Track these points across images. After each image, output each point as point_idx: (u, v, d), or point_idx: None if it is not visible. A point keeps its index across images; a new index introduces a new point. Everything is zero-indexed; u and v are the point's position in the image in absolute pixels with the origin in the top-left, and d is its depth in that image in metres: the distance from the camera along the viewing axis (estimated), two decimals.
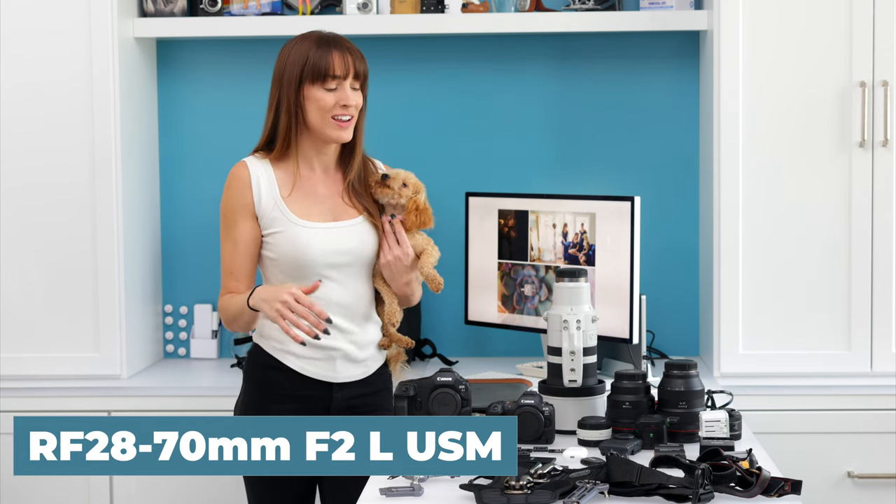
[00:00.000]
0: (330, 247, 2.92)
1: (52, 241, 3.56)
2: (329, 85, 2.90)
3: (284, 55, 2.94)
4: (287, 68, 2.92)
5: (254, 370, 2.98)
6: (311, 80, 2.90)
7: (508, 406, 2.74)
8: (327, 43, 2.91)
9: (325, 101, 2.89)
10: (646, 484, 2.32)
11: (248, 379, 3.00)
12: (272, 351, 2.95)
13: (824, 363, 3.48)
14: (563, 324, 2.84)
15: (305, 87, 2.90)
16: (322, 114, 2.90)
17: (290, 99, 2.90)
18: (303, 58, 2.90)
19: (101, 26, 3.52)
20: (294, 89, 2.90)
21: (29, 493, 3.58)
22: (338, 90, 2.91)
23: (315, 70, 2.89)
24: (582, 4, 3.71)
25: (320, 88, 2.90)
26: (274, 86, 2.95)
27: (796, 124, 3.46)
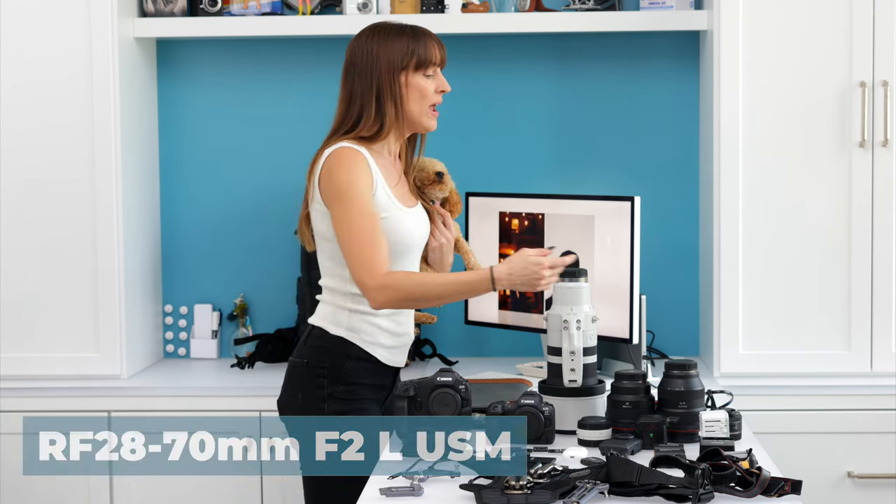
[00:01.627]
0: (421, 231, 3.01)
1: (52, 241, 3.56)
2: (429, 72, 2.96)
3: (369, 47, 2.94)
4: (383, 58, 2.93)
5: (343, 363, 2.93)
6: (414, 69, 2.94)
7: (508, 406, 2.74)
8: (421, 32, 2.98)
9: (427, 89, 2.96)
10: (646, 484, 2.32)
11: (334, 372, 2.93)
12: (363, 344, 2.93)
13: (824, 363, 3.48)
14: (563, 324, 2.84)
15: (406, 75, 2.94)
16: (422, 101, 2.96)
17: (393, 87, 2.93)
18: (403, 46, 2.94)
19: (101, 26, 3.52)
20: (395, 77, 2.93)
21: (29, 493, 3.58)
22: (435, 77, 2.98)
23: (420, 58, 2.94)
24: (582, 4, 3.71)
25: (421, 76, 2.95)
26: (362, 77, 2.93)
27: (796, 124, 3.45)
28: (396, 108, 2.94)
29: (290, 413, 2.97)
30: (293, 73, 3.93)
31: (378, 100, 2.93)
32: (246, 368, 3.79)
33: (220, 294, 3.98)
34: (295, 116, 3.94)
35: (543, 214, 3.53)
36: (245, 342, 3.90)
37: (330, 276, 2.96)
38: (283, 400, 3.00)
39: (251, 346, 3.93)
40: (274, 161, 3.95)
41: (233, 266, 3.97)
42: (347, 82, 2.97)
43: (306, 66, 3.92)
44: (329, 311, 2.95)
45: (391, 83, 2.93)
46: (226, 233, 3.96)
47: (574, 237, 3.46)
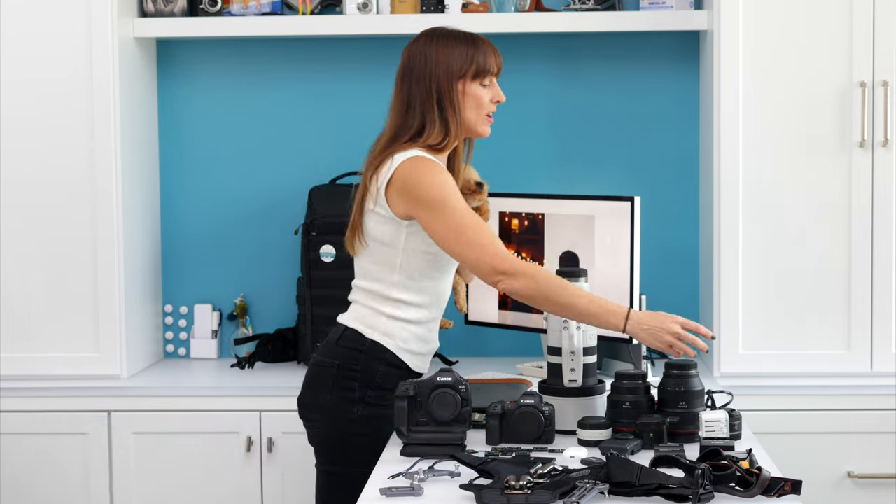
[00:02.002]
0: None
1: (52, 241, 3.56)
2: (485, 81, 2.95)
3: (427, 53, 2.92)
4: (442, 65, 2.91)
5: (377, 367, 2.91)
6: (472, 77, 2.92)
7: (508, 406, 2.74)
8: (480, 40, 2.96)
9: (483, 98, 2.95)
10: (646, 484, 2.32)
11: (366, 375, 2.91)
12: (396, 351, 2.92)
13: (824, 363, 3.48)
14: (563, 324, 2.84)
15: (464, 83, 2.92)
16: (479, 110, 2.95)
17: (451, 95, 2.92)
18: (462, 54, 2.92)
19: (101, 26, 3.52)
20: (453, 85, 2.92)
21: (29, 493, 3.58)
22: (491, 87, 2.96)
23: (479, 67, 2.92)
24: (582, 4, 3.71)
25: (479, 85, 2.94)
26: (421, 84, 2.91)
27: (796, 124, 3.46)
28: (457, 116, 2.93)
29: (317, 413, 2.93)
30: (293, 73, 3.93)
31: (440, 107, 2.91)
32: (246, 368, 3.79)
33: (220, 294, 3.98)
34: (295, 116, 3.94)
35: (543, 214, 3.53)
36: (245, 342, 3.90)
37: (372, 280, 2.93)
38: (307, 399, 2.97)
39: (251, 346, 3.93)
40: (274, 161, 3.95)
41: (233, 266, 3.97)
42: (404, 87, 2.94)
43: (306, 66, 3.92)
44: (366, 314, 2.93)
45: (450, 90, 2.91)
46: (226, 233, 3.96)
47: (574, 237, 3.46)
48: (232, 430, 3.55)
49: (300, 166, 3.94)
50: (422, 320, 2.94)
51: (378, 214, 2.89)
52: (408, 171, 2.85)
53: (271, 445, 3.54)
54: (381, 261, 2.91)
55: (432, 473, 2.50)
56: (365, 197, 2.92)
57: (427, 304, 2.94)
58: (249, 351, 3.88)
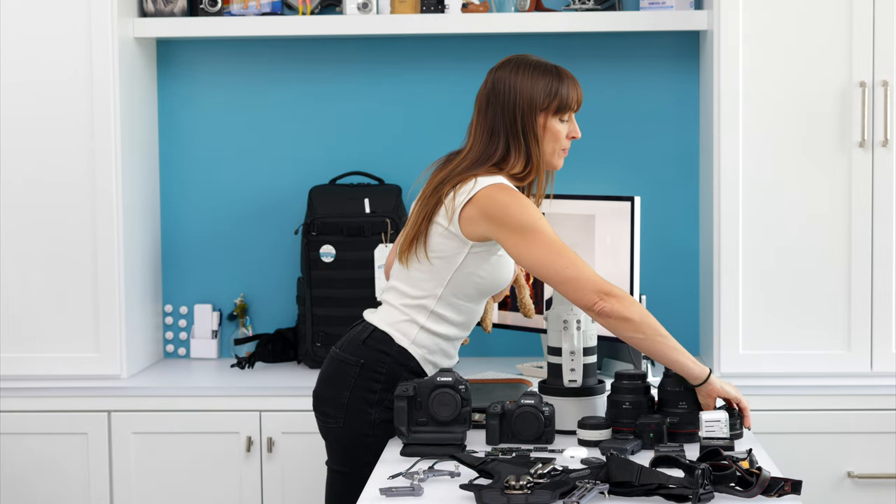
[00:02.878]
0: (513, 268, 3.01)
1: (52, 241, 3.56)
2: (565, 117, 2.93)
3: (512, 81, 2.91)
4: (525, 96, 2.89)
5: (400, 372, 2.90)
6: (553, 112, 2.91)
7: (508, 406, 2.74)
8: (565, 75, 2.95)
9: (561, 133, 2.93)
10: (646, 484, 2.32)
11: (388, 380, 2.90)
12: (422, 361, 2.92)
13: (824, 363, 3.48)
14: (563, 324, 2.84)
15: (546, 116, 2.91)
16: (555, 145, 2.93)
17: (534, 128, 2.90)
18: (546, 87, 2.91)
19: (101, 26, 3.52)
20: (534, 118, 2.90)
21: (30, 493, 3.58)
22: (569, 122, 2.95)
23: (562, 102, 2.91)
24: (582, 4, 3.71)
25: (558, 120, 2.92)
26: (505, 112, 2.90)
27: (796, 124, 3.45)
28: (539, 149, 2.92)
29: (334, 409, 2.91)
30: (293, 73, 3.93)
31: (525, 138, 2.90)
32: (246, 368, 3.79)
33: (220, 294, 3.98)
34: (295, 116, 3.94)
35: (543, 214, 3.52)
36: (245, 342, 3.90)
37: (417, 288, 2.91)
38: (323, 393, 2.95)
39: (251, 346, 3.93)
40: (274, 161, 3.95)
41: (233, 266, 3.97)
42: (489, 112, 2.92)
43: (306, 66, 3.92)
44: (400, 321, 2.91)
45: (532, 123, 2.90)
46: (226, 233, 3.96)
47: (574, 237, 3.46)
48: (232, 430, 3.55)
49: (300, 166, 3.94)
50: (452, 336, 2.95)
51: (446, 230, 2.87)
52: (494, 197, 2.83)
53: (271, 445, 3.54)
54: (432, 273, 2.89)
55: (432, 473, 2.50)
56: (436, 211, 2.89)
57: (460, 324, 2.94)
58: (249, 351, 3.88)
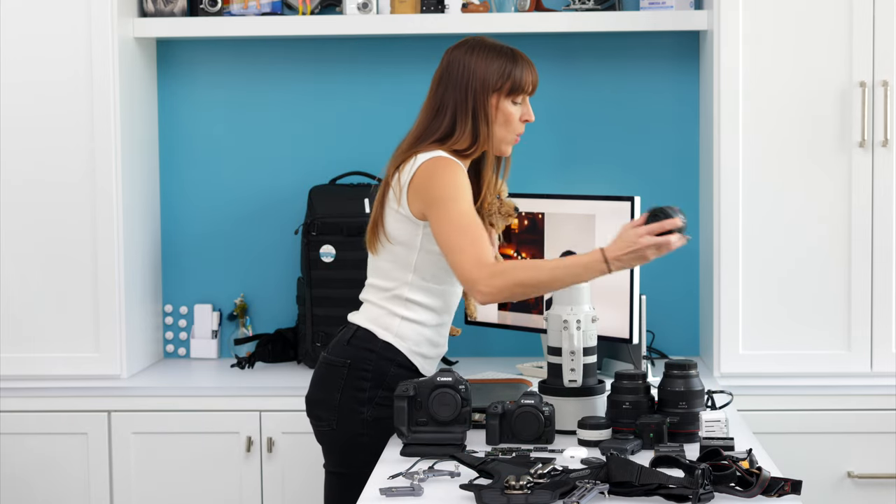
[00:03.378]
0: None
1: (52, 242, 3.56)
2: (518, 99, 2.95)
3: (467, 62, 2.93)
4: (479, 76, 2.91)
5: (388, 368, 2.91)
6: (506, 93, 2.93)
7: (508, 406, 2.74)
8: (520, 57, 2.96)
9: (514, 115, 2.95)
10: (646, 484, 2.32)
11: (377, 375, 2.92)
12: (408, 353, 2.93)
13: (824, 363, 3.48)
14: (563, 324, 2.84)
15: (498, 98, 2.93)
16: (507, 127, 2.95)
17: (485, 108, 2.92)
18: (500, 68, 2.92)
19: (101, 26, 3.52)
20: (487, 98, 2.92)
21: (30, 493, 3.58)
22: (522, 105, 2.97)
23: (514, 84, 2.92)
24: (582, 4, 3.71)
25: (511, 102, 2.94)
26: (458, 91, 2.91)
27: (796, 124, 3.46)
28: (488, 128, 2.93)
29: (326, 412, 2.93)
30: (293, 73, 3.93)
31: (474, 117, 2.92)
32: (246, 368, 3.79)
33: (220, 294, 3.98)
34: (295, 116, 3.94)
35: (543, 214, 3.53)
36: (245, 342, 3.90)
37: (388, 279, 2.93)
38: (315, 397, 2.96)
39: (251, 346, 3.93)
40: (274, 161, 3.95)
41: (233, 266, 3.97)
42: (439, 90, 2.94)
43: (306, 66, 3.92)
44: (380, 315, 2.93)
45: (484, 102, 2.92)
46: (226, 233, 3.96)
47: (574, 237, 3.46)
48: (232, 430, 3.55)
49: (300, 166, 3.94)
50: (433, 323, 2.95)
51: (398, 213, 2.89)
52: (429, 169, 2.86)
53: (271, 445, 3.54)
54: (396, 260, 2.92)
55: (432, 473, 2.50)
56: (386, 194, 2.92)
57: (438, 308, 2.95)
58: (249, 351, 3.88)
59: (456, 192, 2.83)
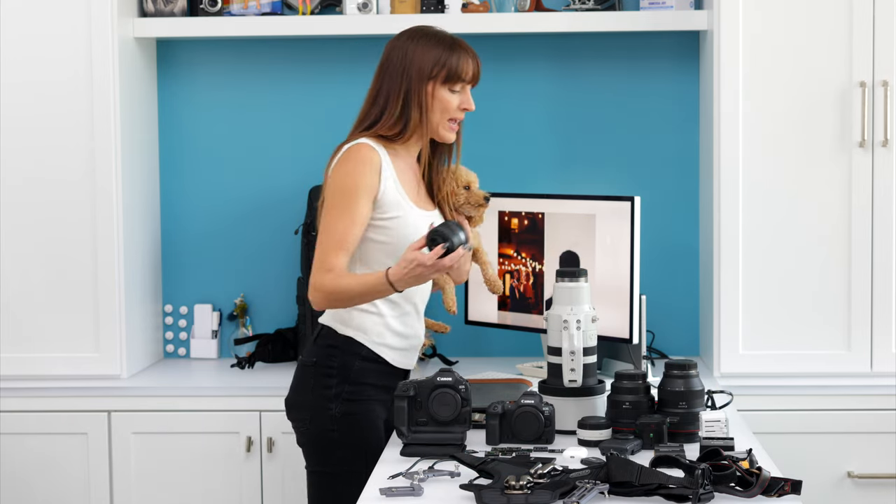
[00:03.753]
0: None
1: (52, 242, 3.56)
2: (456, 87, 2.97)
3: (406, 49, 2.96)
4: (416, 63, 2.95)
5: (352, 362, 2.94)
6: (442, 81, 2.95)
7: (508, 406, 2.74)
8: (459, 46, 2.98)
9: (450, 103, 2.97)
10: (646, 484, 2.32)
11: (342, 371, 2.94)
12: (371, 345, 2.95)
13: (824, 363, 3.48)
14: (563, 324, 2.83)
15: (434, 85, 2.95)
16: (444, 114, 2.97)
17: (419, 94, 2.95)
18: (436, 56, 2.95)
19: (101, 26, 3.52)
20: (423, 85, 2.95)
21: (30, 493, 3.58)
22: (461, 93, 2.99)
23: (450, 72, 2.95)
24: (582, 4, 3.71)
25: (448, 90, 2.97)
26: (394, 78, 2.96)
27: (796, 124, 3.46)
28: (421, 115, 2.96)
29: (299, 412, 2.97)
30: (293, 73, 3.93)
31: (405, 103, 2.95)
32: (246, 368, 3.79)
33: (220, 294, 3.98)
34: (295, 116, 3.94)
35: (543, 214, 3.53)
36: (245, 342, 3.90)
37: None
38: (290, 399, 3.00)
39: (251, 346, 3.93)
40: (274, 161, 3.95)
41: (233, 266, 3.97)
42: (378, 80, 2.99)
43: (306, 66, 3.92)
44: (338, 311, 2.96)
45: (419, 89, 2.95)
46: (226, 233, 3.96)
47: (574, 237, 3.46)
48: (232, 430, 3.55)
49: (300, 166, 3.94)
50: (394, 314, 2.97)
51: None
52: (343, 158, 2.93)
53: (271, 445, 3.54)
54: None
55: (432, 473, 2.50)
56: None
57: (397, 298, 2.96)
58: (249, 351, 3.88)
59: (348, 191, 2.89)
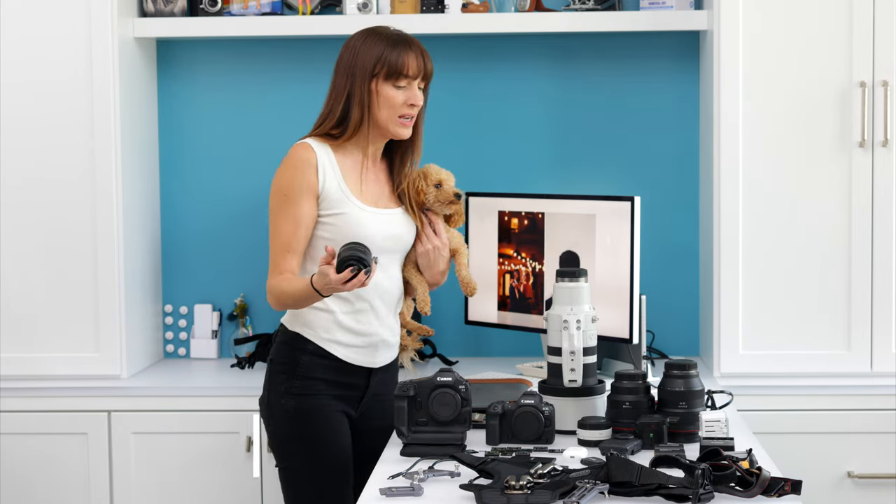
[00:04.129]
0: (385, 231, 3.01)
1: (52, 242, 3.56)
2: (400, 83, 2.98)
3: (355, 48, 3.00)
4: (360, 62, 2.98)
5: (299, 357, 2.98)
6: (384, 77, 2.97)
7: (508, 406, 2.74)
8: (403, 42, 3.00)
9: (396, 99, 2.98)
10: (646, 484, 2.32)
11: (290, 366, 2.99)
12: (318, 340, 2.98)
13: (824, 363, 3.48)
14: (563, 324, 2.84)
15: (377, 82, 2.98)
16: (390, 111, 2.99)
17: (362, 92, 2.97)
18: (378, 54, 2.98)
19: (101, 26, 3.52)
20: (366, 83, 2.97)
21: (30, 493, 3.58)
22: (407, 89, 3.00)
23: (390, 68, 2.97)
24: (582, 4, 3.71)
25: (392, 86, 2.98)
26: (342, 76, 3.00)
27: (796, 124, 3.46)
28: (363, 113, 2.98)
29: (262, 410, 3.05)
30: (293, 73, 3.93)
31: (348, 101, 2.99)
32: (246, 368, 3.79)
33: (220, 294, 3.98)
34: (295, 116, 3.94)
35: (543, 214, 3.53)
36: (245, 342, 3.90)
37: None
38: (260, 399, 3.08)
39: (251, 346, 3.93)
40: (274, 161, 3.91)
41: (233, 266, 3.97)
42: (332, 78, 3.05)
43: (306, 66, 3.92)
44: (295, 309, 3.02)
45: (361, 88, 2.98)
46: (226, 233, 3.96)
47: (574, 237, 3.46)
48: (232, 430, 3.55)
49: None
50: (344, 310, 2.99)
51: None
52: (284, 158, 3.00)
53: None
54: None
55: (432, 473, 2.50)
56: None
57: (347, 295, 2.97)
58: (249, 351, 3.88)
59: (286, 191, 2.94)
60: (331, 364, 2.99)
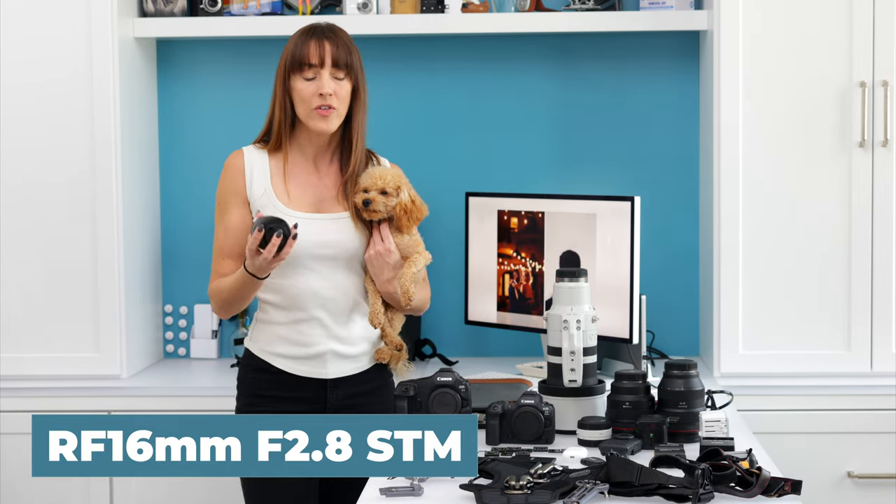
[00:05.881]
0: (313, 237, 2.90)
1: (52, 242, 3.56)
2: (307, 74, 2.90)
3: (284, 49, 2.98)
4: (280, 62, 2.95)
5: (245, 374, 3.00)
6: (292, 71, 2.91)
7: (508, 406, 2.74)
8: (309, 32, 2.93)
9: (305, 92, 2.89)
10: (646, 484, 2.32)
11: (241, 385, 3.02)
12: (260, 353, 2.96)
13: (824, 363, 3.48)
14: (563, 324, 2.84)
15: (291, 78, 2.92)
16: (304, 104, 2.90)
17: (280, 92, 2.93)
18: (289, 50, 2.94)
19: (101, 26, 3.52)
20: (283, 82, 2.93)
21: (29, 493, 3.59)
22: (316, 80, 2.90)
23: (293, 60, 2.91)
24: (582, 4, 3.72)
25: (300, 79, 2.90)
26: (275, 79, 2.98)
27: (796, 124, 3.46)
28: (283, 112, 2.93)
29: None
30: None
31: (272, 103, 2.96)
32: None
33: None
34: None
35: (543, 213, 3.53)
36: None
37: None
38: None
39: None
40: None
41: None
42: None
43: None
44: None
45: (280, 88, 2.93)
46: None
47: (574, 237, 3.46)
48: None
49: None
50: (284, 321, 2.93)
51: None
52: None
53: None
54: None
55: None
56: None
57: (285, 305, 2.93)
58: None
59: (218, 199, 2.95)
60: (275, 378, 2.94)
